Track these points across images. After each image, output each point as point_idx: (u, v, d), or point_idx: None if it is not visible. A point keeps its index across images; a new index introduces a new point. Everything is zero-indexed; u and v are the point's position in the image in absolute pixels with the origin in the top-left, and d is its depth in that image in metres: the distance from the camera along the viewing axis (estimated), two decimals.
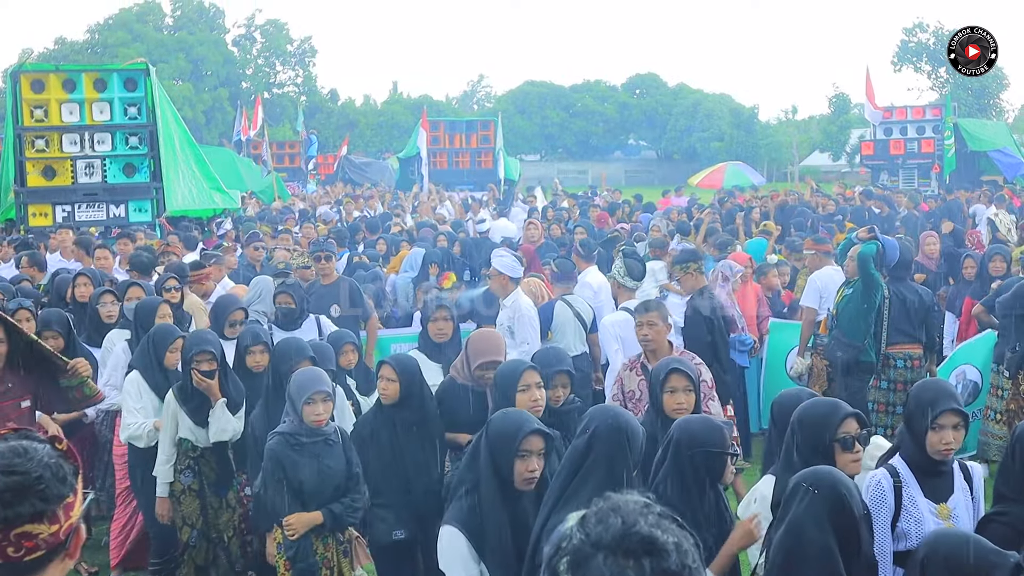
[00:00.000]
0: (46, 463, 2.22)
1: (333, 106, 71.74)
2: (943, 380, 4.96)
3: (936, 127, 27.30)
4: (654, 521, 1.86)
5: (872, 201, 18.70)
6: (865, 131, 33.81)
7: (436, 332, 7.10)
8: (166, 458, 6.28)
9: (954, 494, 4.36)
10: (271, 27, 73.34)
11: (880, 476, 4.35)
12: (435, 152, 28.55)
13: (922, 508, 4.26)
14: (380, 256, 13.15)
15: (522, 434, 4.02)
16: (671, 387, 5.06)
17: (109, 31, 64.99)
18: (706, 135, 66.75)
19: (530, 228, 13.84)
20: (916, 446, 4.34)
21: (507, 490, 4.04)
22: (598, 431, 3.85)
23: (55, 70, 15.49)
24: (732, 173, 33.97)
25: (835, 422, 4.11)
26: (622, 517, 1.86)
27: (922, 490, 4.31)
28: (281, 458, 5.19)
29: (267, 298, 8.32)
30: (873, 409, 8.70)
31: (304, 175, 37.63)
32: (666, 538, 1.83)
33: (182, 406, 6.24)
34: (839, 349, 8.67)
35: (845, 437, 4.09)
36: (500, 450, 4.03)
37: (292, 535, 5.19)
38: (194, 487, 6.30)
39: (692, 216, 17.66)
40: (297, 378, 5.33)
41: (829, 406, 4.25)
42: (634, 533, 1.83)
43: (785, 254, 12.34)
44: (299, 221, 17.87)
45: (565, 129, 70.71)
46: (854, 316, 8.58)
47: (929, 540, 3.52)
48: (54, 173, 14.57)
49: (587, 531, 1.86)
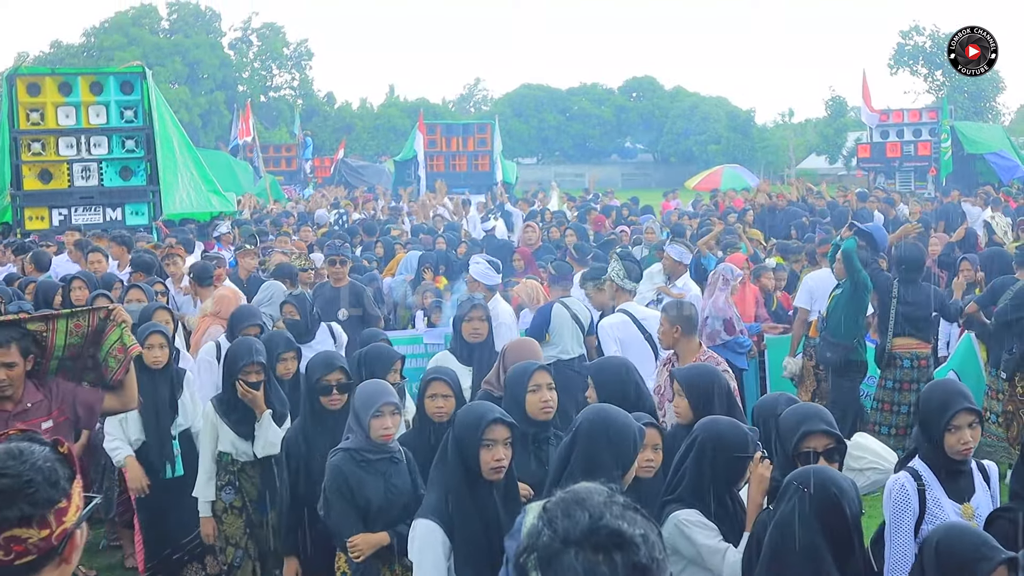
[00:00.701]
0: (39, 466, 2.18)
1: (330, 109, 71.73)
2: (952, 380, 4.93)
3: (933, 130, 27.34)
4: (619, 513, 1.83)
5: (869, 203, 18.70)
6: (862, 134, 33.83)
7: (471, 332, 6.93)
8: (208, 476, 6.04)
9: (975, 493, 4.38)
10: (267, 30, 73.31)
11: (903, 480, 4.34)
12: (432, 155, 28.52)
13: (947, 509, 4.27)
14: (377, 259, 13.14)
15: (484, 423, 4.01)
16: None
17: (105, 34, 64.91)
18: (703, 138, 66.81)
19: (528, 231, 13.83)
20: (934, 448, 4.33)
21: (475, 482, 4.01)
22: (580, 429, 3.87)
23: (51, 73, 15.48)
24: (729, 176, 33.97)
25: (795, 437, 4.08)
26: (588, 511, 1.83)
27: (945, 491, 4.32)
28: (347, 475, 4.75)
29: (277, 302, 8.28)
30: (877, 408, 8.75)
31: (302, 178, 37.64)
32: (633, 531, 1.81)
33: (223, 418, 6.02)
34: (828, 350, 8.74)
35: (807, 452, 4.05)
36: (465, 441, 4.01)
37: (357, 557, 4.76)
38: (236, 504, 6.05)
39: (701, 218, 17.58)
40: (363, 390, 4.94)
41: (798, 418, 4.18)
42: (602, 527, 1.80)
43: (778, 257, 12.38)
44: (297, 224, 17.85)
45: (562, 132, 70.77)
46: (843, 316, 8.63)
47: (931, 532, 3.54)
48: (50, 176, 14.55)
49: (554, 527, 1.83)
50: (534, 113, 70.66)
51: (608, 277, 8.39)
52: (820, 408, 4.35)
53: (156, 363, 6.37)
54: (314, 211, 22.87)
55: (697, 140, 67.11)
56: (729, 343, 9.12)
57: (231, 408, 6.01)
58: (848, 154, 53.83)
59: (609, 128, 71.69)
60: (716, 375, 5.02)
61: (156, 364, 6.37)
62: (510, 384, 5.01)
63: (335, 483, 4.75)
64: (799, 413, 4.22)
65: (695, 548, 4.04)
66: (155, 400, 6.40)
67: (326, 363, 5.53)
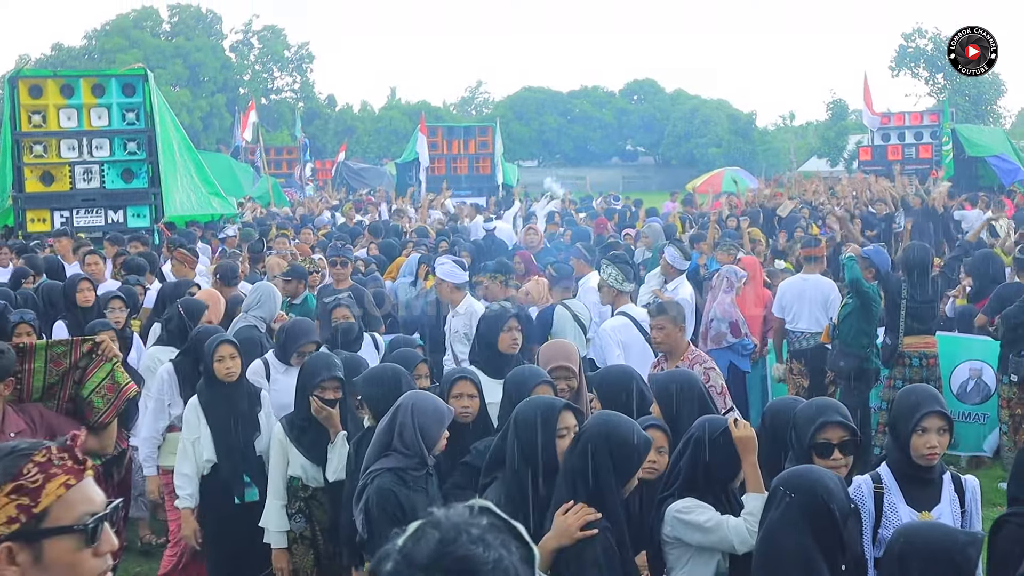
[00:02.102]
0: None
1: (331, 112, 71.83)
2: (928, 386, 4.90)
3: (934, 133, 27.30)
4: (477, 535, 1.70)
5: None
6: (863, 137, 33.81)
7: (511, 343, 6.25)
8: (281, 503, 5.61)
9: (940, 504, 4.29)
10: (268, 33, 73.47)
11: (861, 482, 4.33)
12: (433, 158, 28.52)
13: (903, 515, 4.22)
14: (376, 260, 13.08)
15: (555, 412, 4.11)
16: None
17: (106, 37, 65.07)
18: (704, 141, 66.89)
19: (528, 233, 13.82)
20: (901, 452, 4.29)
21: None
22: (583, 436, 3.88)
23: (53, 76, 15.48)
24: (730, 179, 33.97)
25: (813, 428, 4.07)
26: (441, 532, 1.71)
27: (905, 498, 4.26)
28: (399, 497, 4.40)
29: (267, 304, 7.94)
30: (886, 408, 8.76)
31: (300, 181, 37.67)
32: (487, 555, 1.68)
33: (294, 440, 5.60)
34: (842, 359, 8.89)
35: (824, 443, 4.05)
36: (539, 436, 4.07)
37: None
38: (307, 534, 5.62)
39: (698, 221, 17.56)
40: (427, 404, 4.58)
41: (814, 412, 4.17)
42: (448, 553, 1.68)
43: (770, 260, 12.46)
44: (298, 226, 17.83)
45: (563, 135, 70.83)
46: (853, 327, 8.85)
47: (903, 533, 3.48)
48: (52, 179, 14.56)
49: (404, 550, 1.72)
50: (535, 116, 70.72)
51: (604, 281, 8.35)
52: (836, 402, 4.37)
53: (229, 375, 5.98)
54: (313, 213, 22.86)
55: (698, 143, 67.19)
56: (735, 345, 9.16)
57: (303, 430, 5.60)
58: (849, 157, 53.79)
59: (610, 131, 71.75)
60: (688, 380, 5.02)
61: (229, 377, 5.98)
62: (511, 390, 4.91)
63: (386, 506, 4.39)
64: (816, 406, 4.24)
65: (698, 531, 4.03)
66: (231, 416, 5.99)
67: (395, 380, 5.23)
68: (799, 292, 9.67)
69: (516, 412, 4.20)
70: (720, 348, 10.03)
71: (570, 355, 5.78)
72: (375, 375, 5.28)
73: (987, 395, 9.46)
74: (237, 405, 6.02)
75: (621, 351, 7.63)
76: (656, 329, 6.64)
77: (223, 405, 5.98)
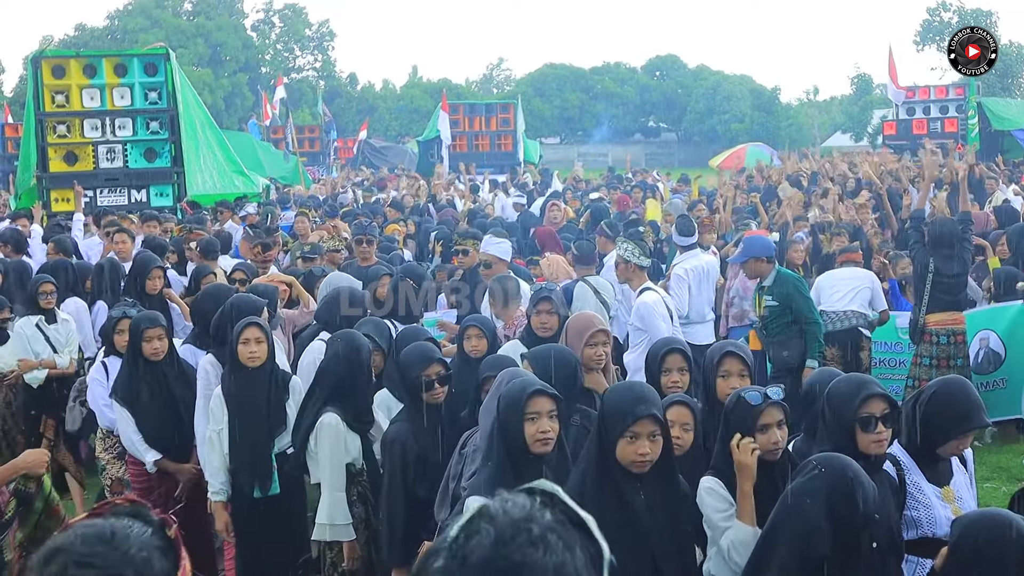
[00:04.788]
0: (132, 557, 1.81)
1: (352, 91, 71.79)
2: (969, 386, 4.72)
3: (959, 106, 27.05)
4: (537, 535, 1.52)
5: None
6: (887, 111, 33.51)
7: (539, 326, 6.25)
8: (341, 493, 5.41)
9: (954, 476, 4.32)
10: (289, 12, 73.45)
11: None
12: (455, 135, 28.53)
13: (928, 493, 4.21)
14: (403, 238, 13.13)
15: (526, 395, 4.03)
16: (725, 371, 4.93)
17: (128, 17, 65.21)
18: (727, 117, 66.51)
19: (552, 210, 13.78)
20: (926, 442, 4.26)
21: (521, 459, 4.01)
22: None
23: (75, 56, 15.51)
24: (752, 154, 33.81)
25: (857, 402, 4.02)
26: (496, 530, 1.52)
27: (924, 475, 4.26)
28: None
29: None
30: (913, 386, 8.66)
31: (325, 159, 37.75)
32: (547, 560, 1.49)
33: (356, 429, 5.48)
34: (784, 349, 8.38)
35: (867, 417, 4.00)
36: (509, 417, 4.03)
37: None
38: (362, 516, 5.52)
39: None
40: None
41: (855, 385, 4.14)
42: (504, 556, 1.49)
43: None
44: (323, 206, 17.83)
45: (585, 112, 70.55)
46: (780, 324, 8.38)
47: (964, 526, 3.40)
48: (76, 158, 14.61)
49: (455, 547, 1.53)
50: (557, 93, 70.45)
51: (621, 258, 8.21)
52: (870, 376, 4.34)
53: (252, 360, 5.79)
54: (337, 193, 22.91)
55: (721, 119, 66.82)
56: (754, 322, 9.09)
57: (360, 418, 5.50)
58: (874, 132, 53.38)
59: (632, 107, 71.43)
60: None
61: (252, 361, 5.80)
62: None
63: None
64: (853, 381, 4.20)
65: (708, 511, 4.04)
66: (248, 406, 5.83)
67: (424, 357, 5.26)
68: (840, 277, 9.41)
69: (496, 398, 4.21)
70: (742, 325, 10.02)
71: (602, 321, 5.85)
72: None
73: (998, 362, 9.42)
74: (257, 394, 5.85)
75: (667, 324, 7.52)
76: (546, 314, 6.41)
77: (244, 393, 5.84)
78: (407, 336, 6.13)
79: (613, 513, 3.67)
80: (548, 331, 6.18)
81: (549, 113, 69.09)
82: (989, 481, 8.31)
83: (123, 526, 1.85)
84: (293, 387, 5.99)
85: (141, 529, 1.86)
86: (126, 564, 1.79)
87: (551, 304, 6.28)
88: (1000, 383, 9.44)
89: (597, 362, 5.51)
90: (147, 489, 6.52)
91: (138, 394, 6.42)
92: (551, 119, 69.48)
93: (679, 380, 5.18)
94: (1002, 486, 8.37)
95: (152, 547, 1.85)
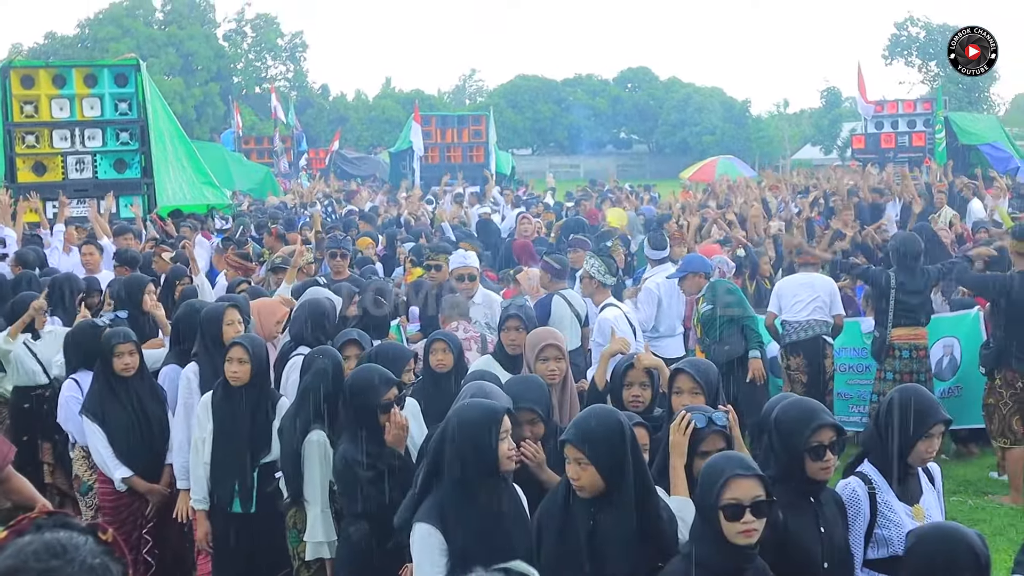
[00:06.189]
0: (91, 565, 1.83)
1: (324, 101, 71.59)
2: (922, 388, 4.76)
3: (927, 121, 27.33)
4: None
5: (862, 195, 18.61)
6: (856, 124, 33.85)
7: (509, 343, 6.23)
8: (325, 511, 5.31)
9: (924, 495, 4.35)
10: (262, 21, 73.17)
11: (854, 484, 4.29)
12: (427, 147, 28.55)
13: (899, 511, 4.23)
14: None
15: (498, 417, 3.98)
16: (677, 388, 4.95)
17: (99, 26, 64.73)
18: (698, 129, 66.90)
19: (523, 223, 13.81)
20: (895, 453, 4.28)
21: (485, 480, 3.94)
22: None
23: (45, 66, 15.42)
24: (723, 167, 33.99)
25: (808, 431, 3.99)
26: None
27: (895, 494, 4.28)
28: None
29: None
30: (876, 401, 8.74)
31: (296, 170, 37.62)
32: None
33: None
34: (726, 344, 8.54)
35: (817, 446, 3.98)
36: (478, 439, 3.91)
37: None
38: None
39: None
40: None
41: (806, 413, 4.09)
42: None
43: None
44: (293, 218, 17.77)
45: (557, 123, 70.71)
46: (713, 324, 8.62)
47: (918, 537, 3.50)
48: (44, 169, 14.53)
49: None
50: (529, 104, 70.58)
51: (587, 273, 8.32)
52: (818, 403, 4.27)
53: (234, 379, 5.74)
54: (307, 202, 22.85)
55: (692, 131, 67.20)
56: None
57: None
58: (843, 145, 53.84)
59: (604, 119, 71.64)
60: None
61: (234, 380, 5.75)
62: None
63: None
64: (803, 408, 4.13)
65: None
66: (231, 426, 5.78)
67: (384, 379, 5.02)
68: (799, 283, 9.51)
69: (455, 416, 3.99)
70: None
71: (558, 336, 5.81)
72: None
73: (955, 369, 9.55)
74: (241, 413, 5.78)
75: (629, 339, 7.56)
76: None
77: (227, 409, 5.79)
78: (383, 352, 5.96)
79: (562, 536, 3.69)
80: (518, 348, 6.14)
81: (521, 124, 69.20)
82: (955, 495, 8.39)
83: (66, 538, 1.85)
84: (280, 409, 5.87)
85: (82, 538, 1.87)
86: (88, 574, 1.80)
87: (519, 321, 6.27)
88: (956, 391, 9.54)
89: (549, 377, 5.45)
90: (116, 508, 6.45)
91: (109, 410, 6.36)
92: (523, 130, 69.59)
93: (640, 395, 5.19)
94: (968, 499, 8.46)
95: (101, 553, 1.86)
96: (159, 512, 6.49)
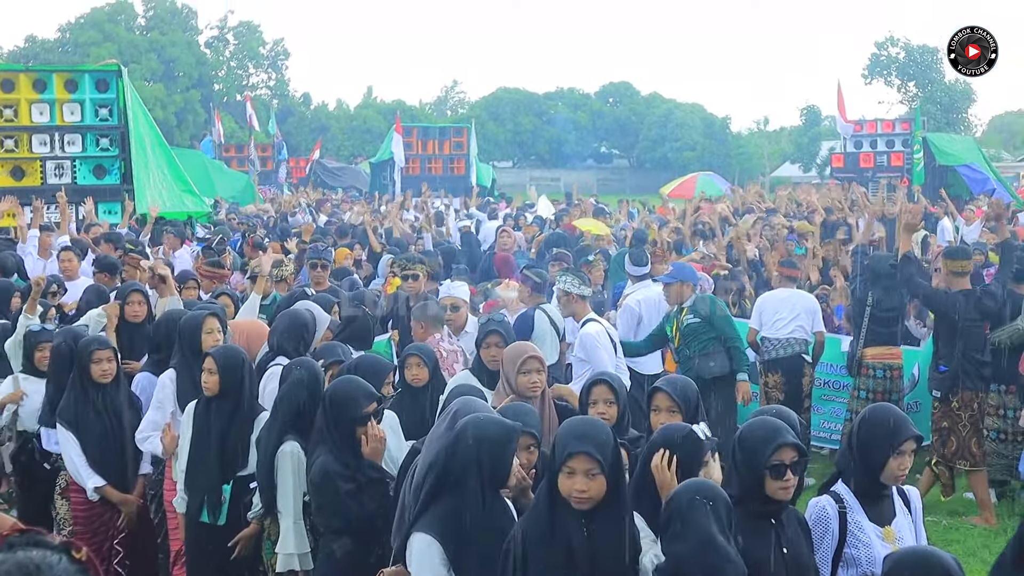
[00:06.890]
0: None
1: (306, 110, 71.45)
2: (893, 407, 4.79)
3: (906, 141, 27.52)
4: None
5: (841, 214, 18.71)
6: (836, 143, 34.08)
7: (489, 359, 6.22)
8: (301, 521, 5.26)
9: (896, 517, 4.35)
10: (244, 29, 72.95)
11: (824, 502, 4.29)
12: (408, 158, 28.57)
13: (869, 532, 4.24)
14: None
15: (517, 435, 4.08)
16: (655, 406, 5.04)
17: (80, 30, 64.40)
18: (678, 144, 67.18)
19: (503, 236, 13.82)
20: (867, 472, 4.29)
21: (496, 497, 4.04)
22: None
23: (25, 70, 15.37)
24: (703, 183, 34.13)
25: (769, 450, 4.00)
26: None
27: (867, 515, 4.28)
28: None
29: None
30: (850, 419, 8.77)
31: (276, 179, 37.52)
32: None
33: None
34: (711, 360, 8.50)
35: (778, 464, 3.99)
36: (496, 455, 3.99)
37: None
38: (314, 548, 5.31)
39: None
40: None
41: (768, 431, 4.09)
42: None
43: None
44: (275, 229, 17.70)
45: (538, 136, 70.78)
46: (704, 340, 8.54)
47: (895, 561, 3.44)
48: (23, 174, 14.46)
49: None
50: (510, 116, 70.64)
51: (563, 289, 8.16)
52: (781, 422, 4.23)
53: (206, 389, 5.71)
54: (288, 211, 22.76)
55: (672, 146, 67.46)
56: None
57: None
58: (822, 163, 54.18)
59: (585, 133, 71.77)
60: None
61: (207, 391, 5.71)
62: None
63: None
64: (765, 427, 4.13)
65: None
66: (207, 437, 5.71)
67: (366, 395, 5.03)
68: (780, 299, 9.52)
69: (473, 430, 3.97)
70: None
71: (537, 349, 5.82)
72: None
73: (914, 384, 9.62)
74: (211, 426, 5.71)
75: (608, 355, 7.58)
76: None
77: (203, 419, 5.75)
78: (363, 365, 5.92)
79: (552, 546, 3.67)
80: (498, 364, 6.06)
81: (502, 137, 69.24)
82: (929, 515, 8.40)
83: (40, 557, 1.82)
84: (259, 423, 5.73)
85: (55, 557, 1.84)
86: None
87: (500, 337, 6.26)
88: (915, 406, 9.58)
89: (531, 390, 5.48)
90: (88, 518, 6.40)
91: (83, 417, 6.30)
92: (504, 143, 69.63)
93: (605, 412, 5.14)
94: (942, 520, 8.49)
95: (75, 572, 1.84)
96: (131, 522, 6.45)
